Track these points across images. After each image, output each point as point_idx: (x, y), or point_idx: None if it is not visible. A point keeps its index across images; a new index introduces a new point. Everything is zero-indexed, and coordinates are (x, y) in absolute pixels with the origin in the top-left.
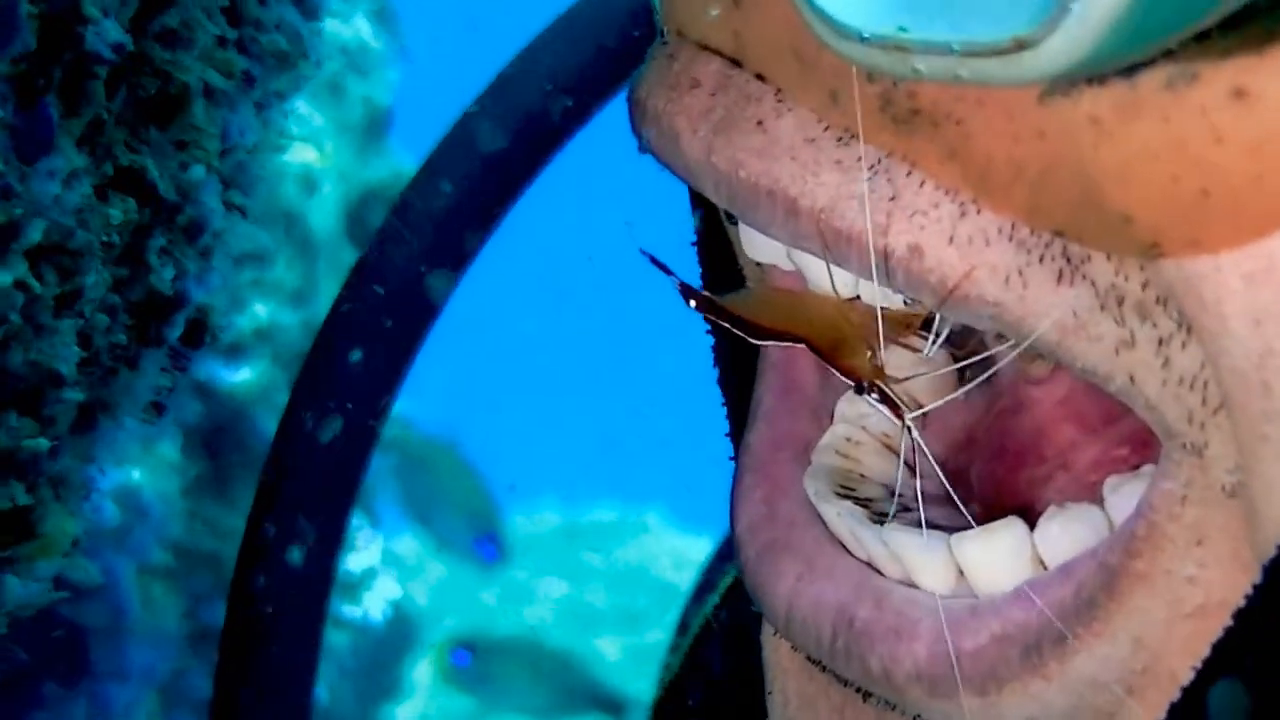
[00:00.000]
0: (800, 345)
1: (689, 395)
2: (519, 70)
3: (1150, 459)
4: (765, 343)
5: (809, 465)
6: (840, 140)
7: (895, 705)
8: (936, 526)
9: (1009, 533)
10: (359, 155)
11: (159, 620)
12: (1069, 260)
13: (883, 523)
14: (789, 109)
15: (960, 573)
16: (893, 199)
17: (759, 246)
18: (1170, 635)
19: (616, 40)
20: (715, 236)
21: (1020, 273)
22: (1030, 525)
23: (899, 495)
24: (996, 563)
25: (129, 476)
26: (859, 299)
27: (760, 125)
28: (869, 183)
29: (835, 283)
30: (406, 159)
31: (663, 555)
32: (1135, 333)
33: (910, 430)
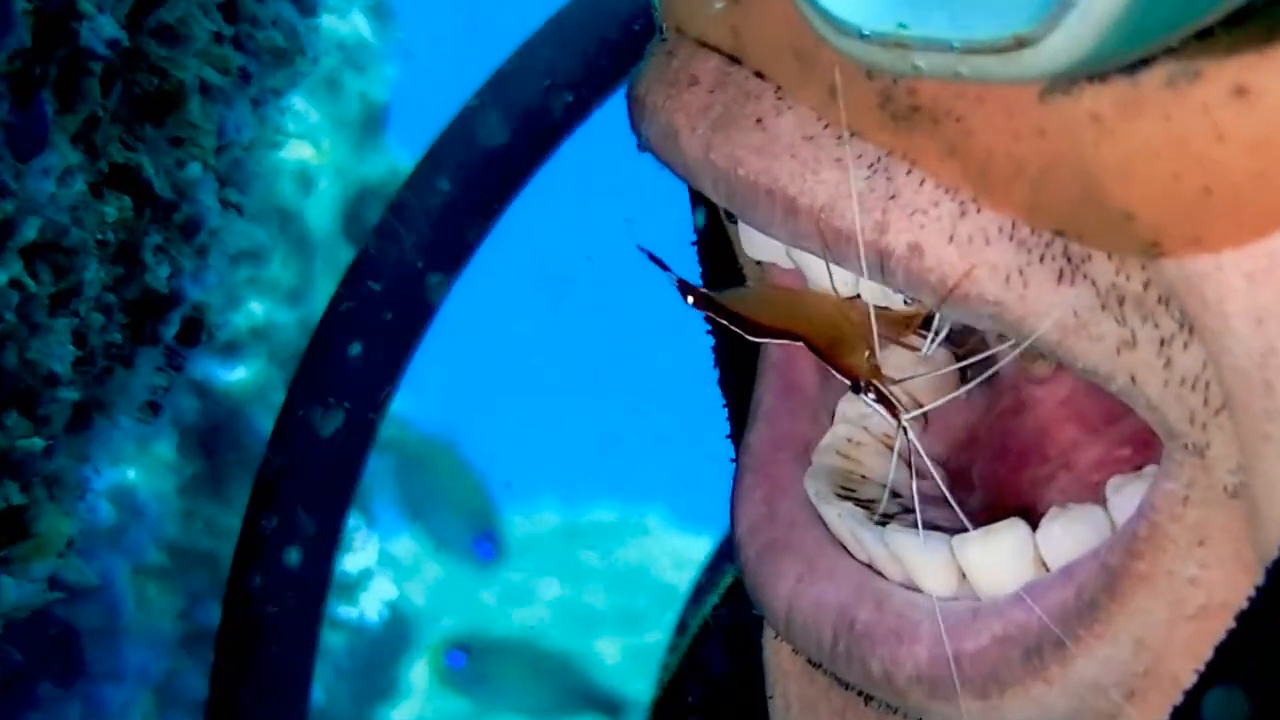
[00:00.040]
0: (799, 344)
1: (689, 394)
2: (518, 65)
3: (1153, 459)
4: (763, 340)
5: (809, 466)
6: (840, 138)
7: (896, 708)
8: (938, 528)
9: (1011, 534)
10: (356, 152)
11: (154, 620)
12: (1070, 259)
13: (884, 524)
14: (788, 106)
15: (962, 574)
16: (892, 197)
17: (758, 245)
18: (1172, 637)
19: (617, 34)
20: (716, 235)
21: (1021, 272)
22: (1032, 525)
23: (900, 496)
24: (998, 564)
25: (124, 476)
26: (859, 298)
27: (759, 123)
28: (868, 181)
29: (835, 281)
30: (404, 156)
31: (662, 555)
32: (1136, 332)
33: (906, 430)
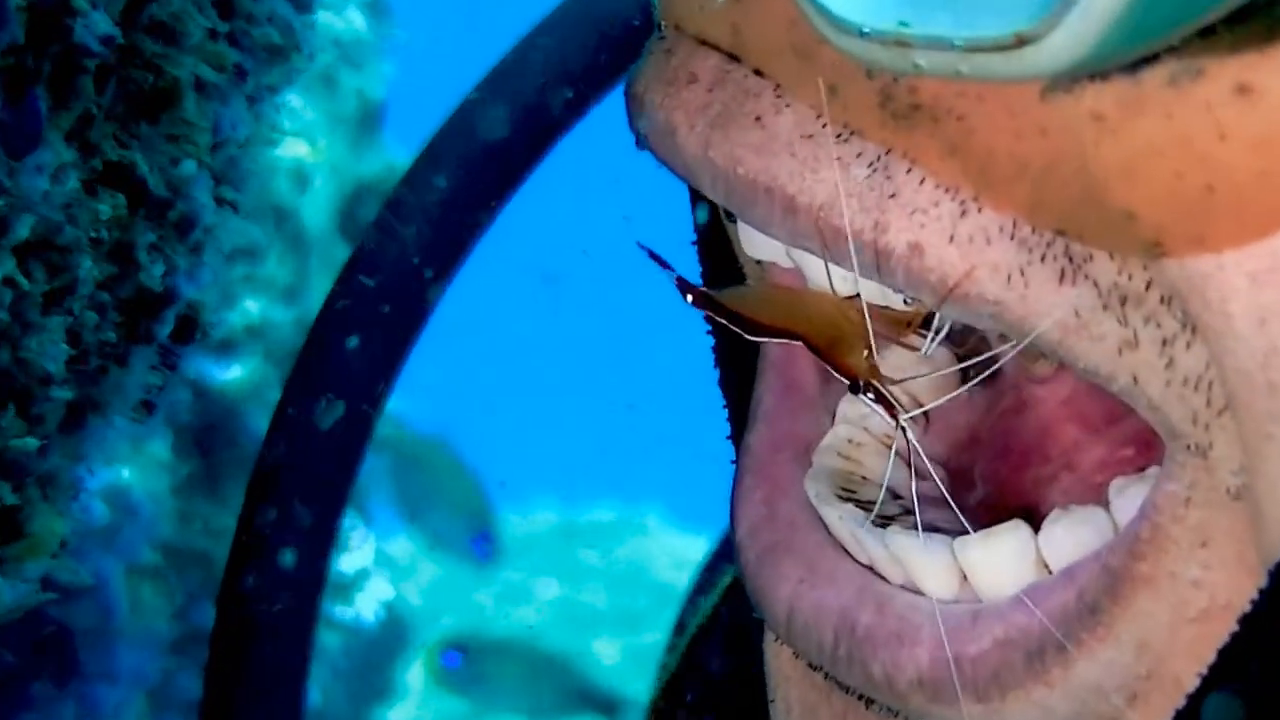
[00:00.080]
0: (798, 343)
1: (688, 393)
2: (516, 61)
3: (1155, 460)
4: (762, 339)
5: (810, 467)
6: (840, 136)
7: (897, 712)
8: (940, 530)
9: (1012, 536)
10: (352, 149)
11: (148, 621)
12: (1071, 259)
13: (885, 526)
14: (787, 105)
15: (964, 577)
16: (892, 196)
17: (758, 244)
18: (1174, 639)
19: (616, 31)
20: (716, 233)
21: (1022, 272)
22: (1034, 526)
23: (902, 498)
24: (1000, 566)
25: (118, 475)
26: (859, 297)
27: (758, 121)
28: (868, 180)
29: (834, 281)
30: (400, 153)
31: (661, 555)
32: (1138, 332)
33: (905, 430)
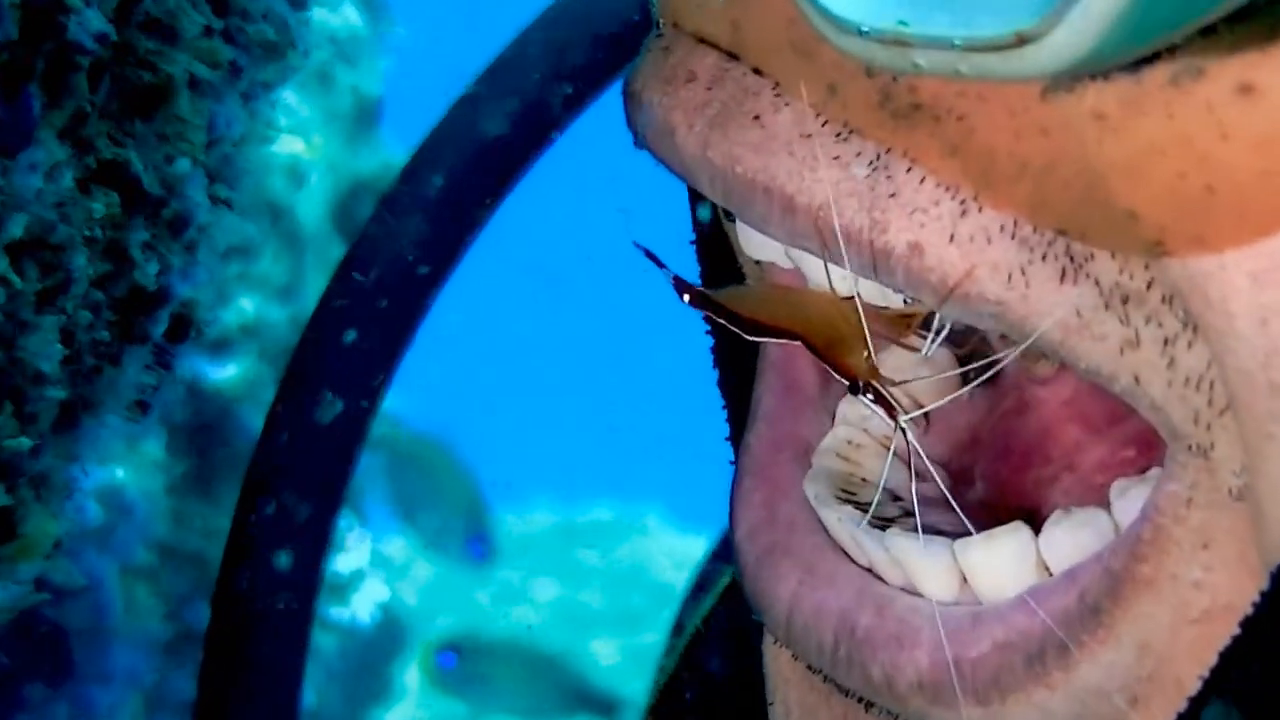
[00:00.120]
0: (798, 343)
1: (687, 392)
2: (514, 57)
3: (1157, 461)
4: (760, 339)
5: (810, 468)
6: (839, 135)
7: (897, 715)
8: (940, 531)
9: (1013, 538)
10: (348, 146)
11: (143, 621)
12: (1072, 259)
13: (885, 528)
14: (786, 103)
15: (964, 579)
16: (892, 195)
17: (756, 244)
18: (1176, 641)
19: (614, 27)
20: (715, 232)
21: (1023, 271)
22: (1035, 528)
23: (901, 499)
24: (1000, 569)
25: (113, 475)
26: (858, 297)
27: (757, 120)
28: (868, 179)
29: (834, 281)
30: (397, 149)
31: (660, 555)
32: (1140, 332)
33: (904, 431)
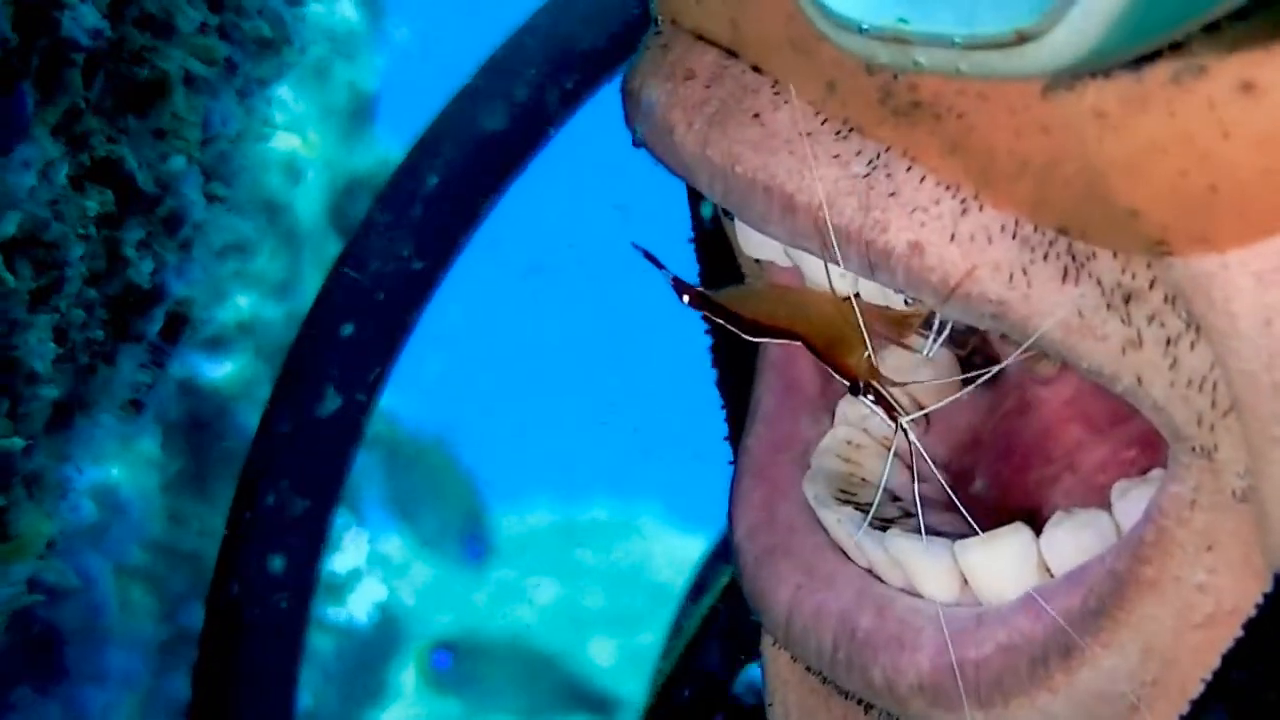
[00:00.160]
0: (797, 343)
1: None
2: (512, 53)
3: (1159, 462)
4: (760, 339)
5: (809, 468)
6: (839, 133)
7: (897, 718)
8: (940, 533)
9: (1014, 539)
10: (344, 142)
11: (138, 621)
12: (1074, 258)
13: (885, 529)
14: (786, 101)
15: (964, 580)
16: (892, 194)
17: (755, 243)
18: (1180, 645)
19: (613, 23)
20: (714, 231)
21: (1024, 271)
22: (1036, 529)
23: (901, 500)
24: (1001, 570)
25: (107, 474)
26: (858, 296)
27: (757, 118)
28: (868, 178)
29: (834, 280)
30: (394, 146)
31: (658, 555)
32: (1142, 332)
33: (906, 432)
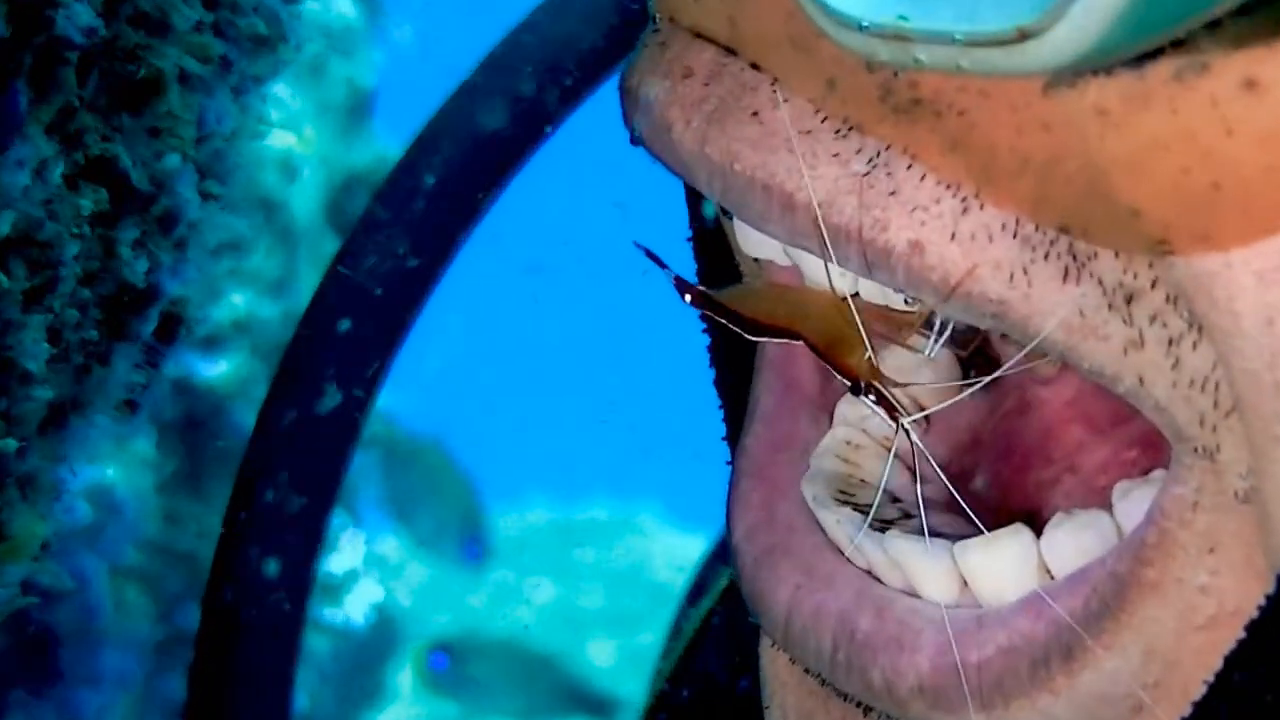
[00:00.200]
0: (797, 342)
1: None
2: (510, 51)
3: (1160, 463)
4: (760, 338)
5: (808, 468)
6: (838, 132)
7: None
8: (940, 534)
9: (1014, 541)
10: (341, 139)
11: (133, 622)
12: (1075, 257)
13: (884, 530)
14: (785, 99)
15: (964, 582)
16: (893, 193)
17: (755, 242)
18: (1182, 647)
19: (612, 20)
20: (713, 229)
21: (1025, 270)
22: (1037, 530)
23: (900, 501)
24: (1002, 572)
25: (102, 474)
26: (858, 295)
27: (756, 116)
28: (868, 176)
29: (833, 279)
30: (391, 143)
31: (657, 555)
32: (1144, 332)
33: (908, 433)
